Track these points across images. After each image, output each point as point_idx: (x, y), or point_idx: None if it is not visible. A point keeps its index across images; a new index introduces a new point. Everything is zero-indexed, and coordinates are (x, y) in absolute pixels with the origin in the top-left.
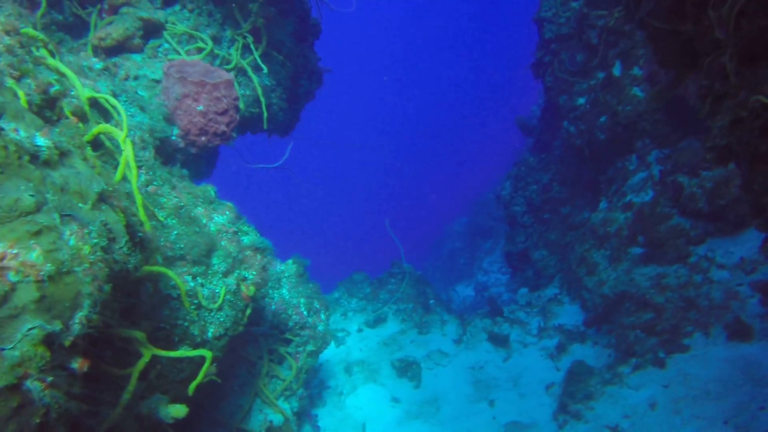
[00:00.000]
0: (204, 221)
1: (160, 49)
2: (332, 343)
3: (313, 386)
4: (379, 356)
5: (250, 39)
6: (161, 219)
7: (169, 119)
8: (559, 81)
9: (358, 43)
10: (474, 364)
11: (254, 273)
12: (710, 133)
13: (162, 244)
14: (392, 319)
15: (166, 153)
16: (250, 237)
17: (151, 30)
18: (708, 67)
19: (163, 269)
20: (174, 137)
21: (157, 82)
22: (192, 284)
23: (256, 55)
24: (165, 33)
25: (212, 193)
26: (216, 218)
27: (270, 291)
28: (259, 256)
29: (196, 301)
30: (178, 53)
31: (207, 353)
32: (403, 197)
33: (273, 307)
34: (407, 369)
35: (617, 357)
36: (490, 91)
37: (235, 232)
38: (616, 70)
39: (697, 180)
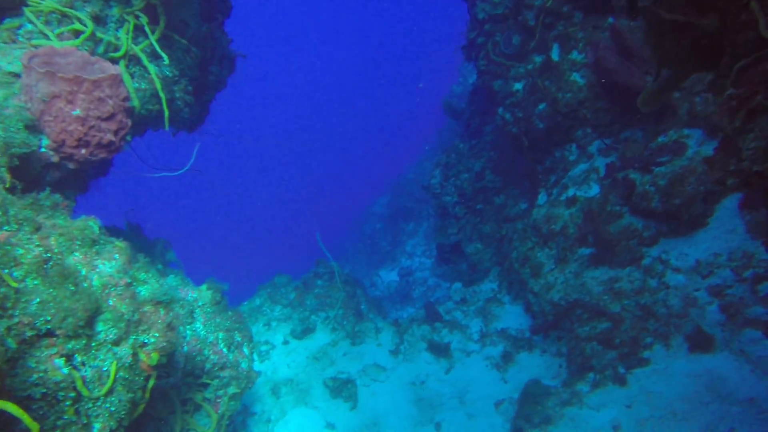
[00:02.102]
0: (83, 273)
1: (20, 32)
2: (256, 359)
3: (236, 413)
4: (310, 373)
5: (144, 19)
6: (14, 284)
7: (33, 127)
8: (494, 64)
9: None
10: (414, 379)
11: (156, 335)
12: (738, 153)
13: (15, 321)
14: (321, 329)
15: (30, 173)
16: (150, 287)
17: (6, 4)
18: (740, 73)
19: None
20: (43, 149)
21: (15, 76)
22: (65, 370)
23: (153, 39)
24: (26, 10)
25: (95, 229)
26: (101, 267)
27: (180, 328)
28: (162, 311)
29: (72, 394)
30: (47, 38)
31: None
32: (323, 177)
33: (185, 348)
34: (342, 388)
35: (572, 371)
36: (409, 69)
37: (129, 284)
38: (555, 54)
39: (650, 177)
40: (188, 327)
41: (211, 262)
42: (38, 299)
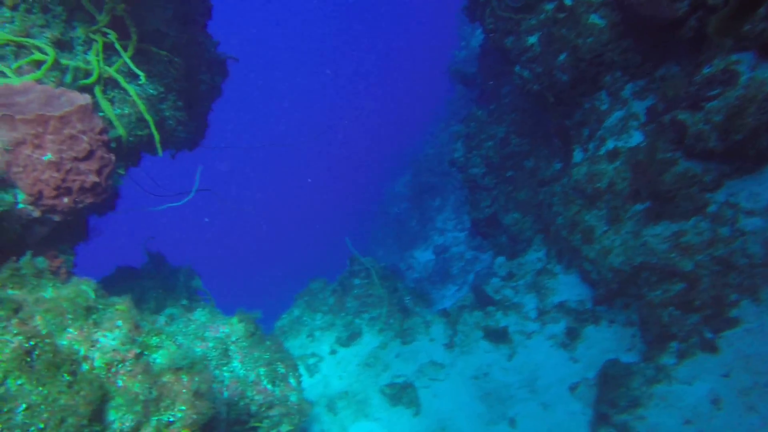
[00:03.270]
0: (81, 353)
1: None
2: (305, 374)
3: None
4: (364, 382)
5: (113, 36)
6: None
7: (3, 181)
8: (502, 21)
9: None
10: (476, 372)
11: (183, 408)
12: None
13: None
14: (368, 332)
15: (10, 235)
16: (165, 351)
17: None
18: None
19: None
20: (21, 205)
21: None
22: None
23: (126, 57)
24: None
25: (90, 294)
26: (102, 340)
27: (216, 372)
28: (185, 378)
29: None
30: (3, 75)
31: None
32: (339, 168)
33: (225, 394)
34: (400, 394)
35: (649, 341)
36: (410, 39)
37: (139, 355)
38: None
39: (702, 114)
40: (225, 369)
41: (240, 280)
42: (24, 405)
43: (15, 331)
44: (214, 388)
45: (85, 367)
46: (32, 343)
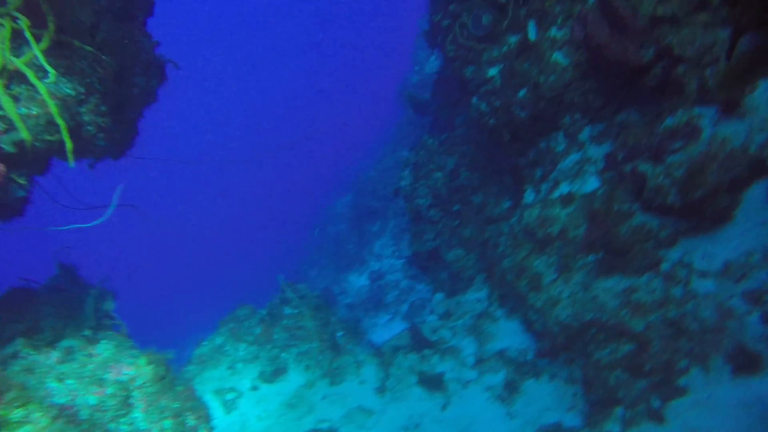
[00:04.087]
0: None
1: None
2: (221, 410)
3: None
4: (285, 425)
5: (24, 22)
6: None
7: None
8: (463, 49)
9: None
10: (407, 422)
11: None
12: None
13: None
14: (294, 368)
15: None
16: (32, 428)
17: None
18: None
19: None
20: None
21: None
22: None
23: (36, 49)
24: None
25: None
26: None
27: (111, 425)
28: None
29: None
30: None
31: None
32: (278, 182)
33: None
34: None
35: (592, 403)
36: (361, 59)
37: None
38: (531, 33)
39: (663, 167)
40: (123, 421)
41: (164, 301)
42: None
43: None
44: None
45: None
46: None
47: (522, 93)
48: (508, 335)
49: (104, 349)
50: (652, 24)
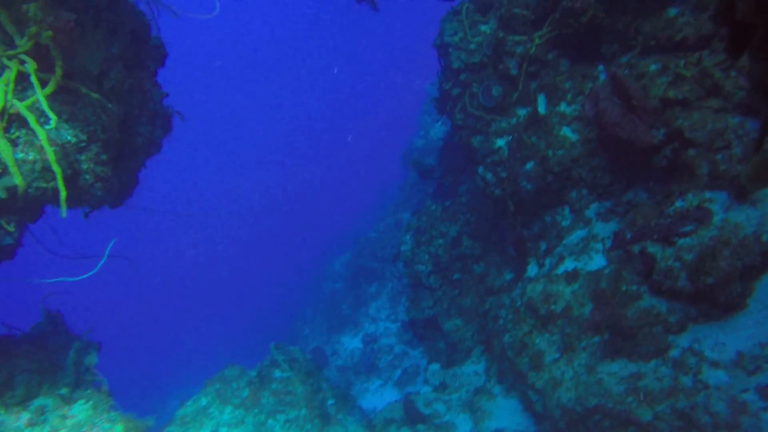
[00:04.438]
0: None
1: None
2: None
3: None
4: None
5: (31, 65)
6: None
7: None
8: (472, 118)
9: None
10: None
11: None
12: None
13: None
14: None
15: None
16: None
17: None
18: None
19: None
20: None
21: None
22: None
23: (40, 94)
24: None
25: None
26: None
27: None
28: None
29: None
30: None
31: None
32: (276, 236)
33: None
34: None
35: None
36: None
37: None
38: (541, 107)
39: (673, 250)
40: None
41: (152, 350)
42: None
43: None
44: None
45: None
46: None
47: (529, 165)
48: (506, 414)
49: (80, 410)
50: (663, 105)
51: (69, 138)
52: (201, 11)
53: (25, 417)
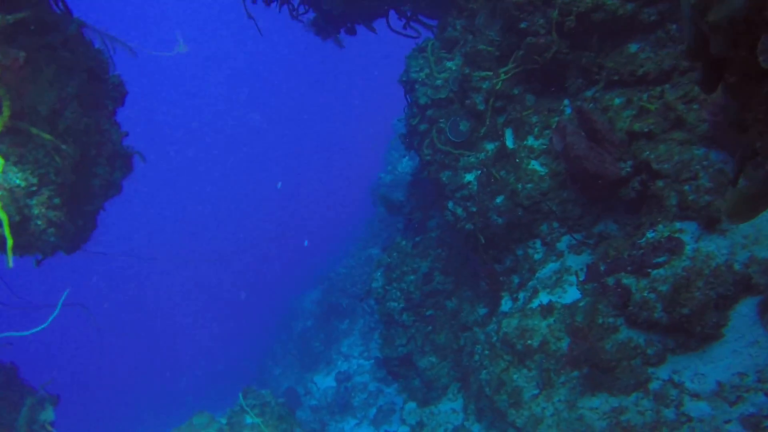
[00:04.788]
0: None
1: None
2: None
3: None
4: None
5: None
6: None
7: None
8: (440, 153)
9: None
10: None
11: None
12: None
13: None
14: None
15: None
16: None
17: None
18: None
19: None
20: None
21: None
22: None
23: None
24: None
25: None
26: None
27: None
28: None
29: None
30: None
31: None
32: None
33: None
34: None
35: None
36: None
37: None
38: (509, 141)
39: (647, 281)
40: None
41: (115, 400)
42: None
43: None
44: None
45: None
46: None
47: (499, 199)
48: None
49: None
50: (629, 138)
51: (18, 182)
52: (165, 48)
53: None
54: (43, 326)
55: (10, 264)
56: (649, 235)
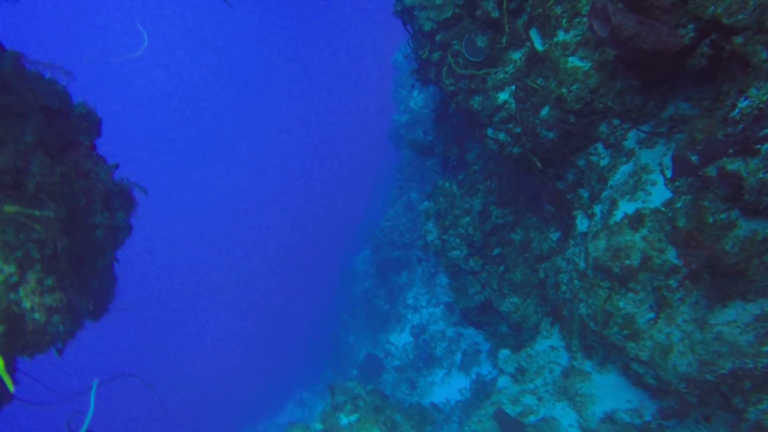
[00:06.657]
0: None
1: None
2: None
3: None
4: None
5: None
6: None
7: None
8: (464, 79)
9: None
10: None
11: None
12: None
13: None
14: None
15: None
16: None
17: None
18: None
19: None
20: None
21: None
22: None
23: None
24: None
25: None
26: None
27: None
28: None
29: None
30: None
31: None
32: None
33: None
34: None
35: None
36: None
37: None
38: (537, 43)
39: (759, 160)
40: None
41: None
42: None
43: None
44: None
45: None
46: None
47: (544, 111)
48: (610, 392)
49: None
50: None
51: None
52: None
53: None
54: (85, 424)
55: (11, 387)
56: (742, 104)
